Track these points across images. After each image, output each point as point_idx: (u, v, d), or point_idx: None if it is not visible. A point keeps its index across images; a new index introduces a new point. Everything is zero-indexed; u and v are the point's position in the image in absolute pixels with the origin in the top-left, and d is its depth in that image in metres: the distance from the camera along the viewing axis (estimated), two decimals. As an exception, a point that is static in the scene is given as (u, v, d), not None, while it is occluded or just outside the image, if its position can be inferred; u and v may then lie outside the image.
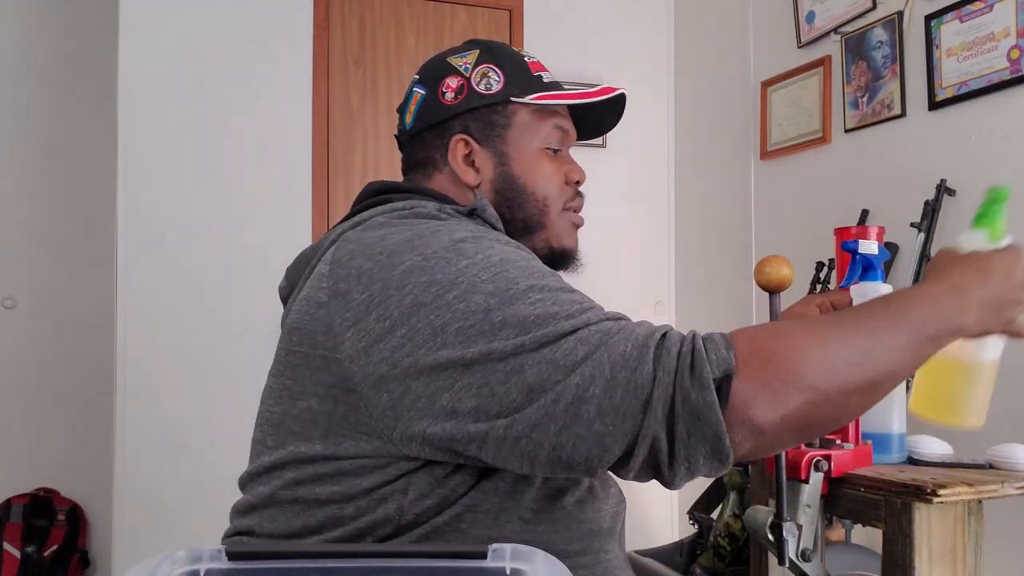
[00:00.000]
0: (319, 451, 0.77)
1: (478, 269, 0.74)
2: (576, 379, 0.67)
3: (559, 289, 0.74)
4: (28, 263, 2.93)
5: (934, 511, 1.07)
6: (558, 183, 0.97)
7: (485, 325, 0.70)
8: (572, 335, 0.69)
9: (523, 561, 0.48)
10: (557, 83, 0.99)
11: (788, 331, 0.70)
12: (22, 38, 2.94)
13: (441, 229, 0.79)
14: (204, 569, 0.46)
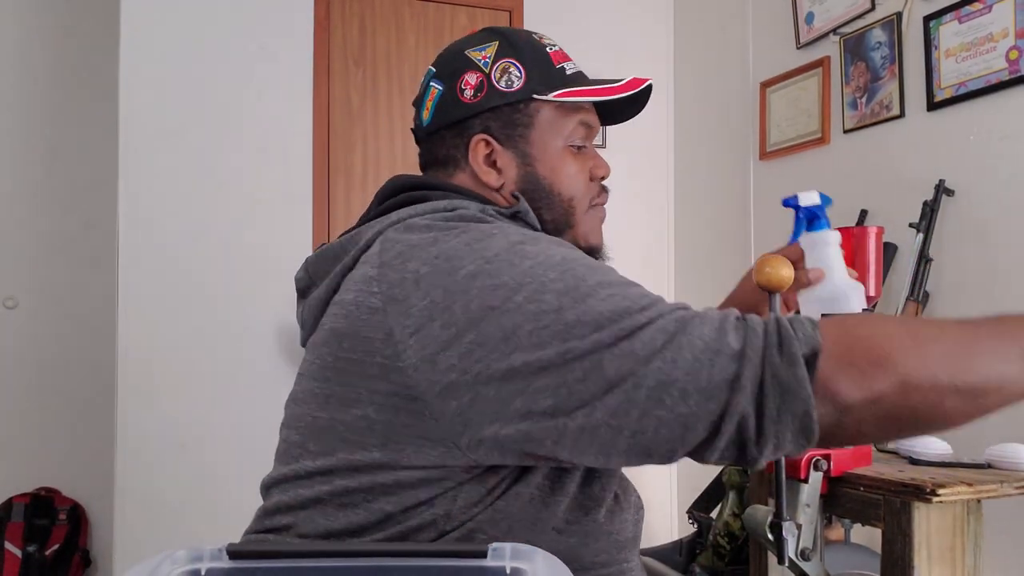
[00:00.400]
0: (377, 459, 0.75)
1: (544, 268, 0.72)
2: (657, 363, 0.66)
3: (625, 283, 0.73)
4: (28, 263, 2.93)
5: (933, 510, 1.07)
6: (583, 181, 0.94)
7: (559, 325, 0.69)
8: (649, 326, 0.68)
9: (523, 560, 0.48)
10: (580, 74, 0.95)
11: (877, 320, 0.70)
12: (22, 38, 2.95)
13: (496, 232, 0.77)
14: (204, 569, 0.46)
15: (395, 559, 0.48)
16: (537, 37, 0.95)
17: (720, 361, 0.65)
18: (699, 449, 0.68)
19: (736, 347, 0.66)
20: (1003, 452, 1.18)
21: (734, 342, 0.66)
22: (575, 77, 0.93)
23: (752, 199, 2.70)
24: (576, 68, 0.95)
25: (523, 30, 0.96)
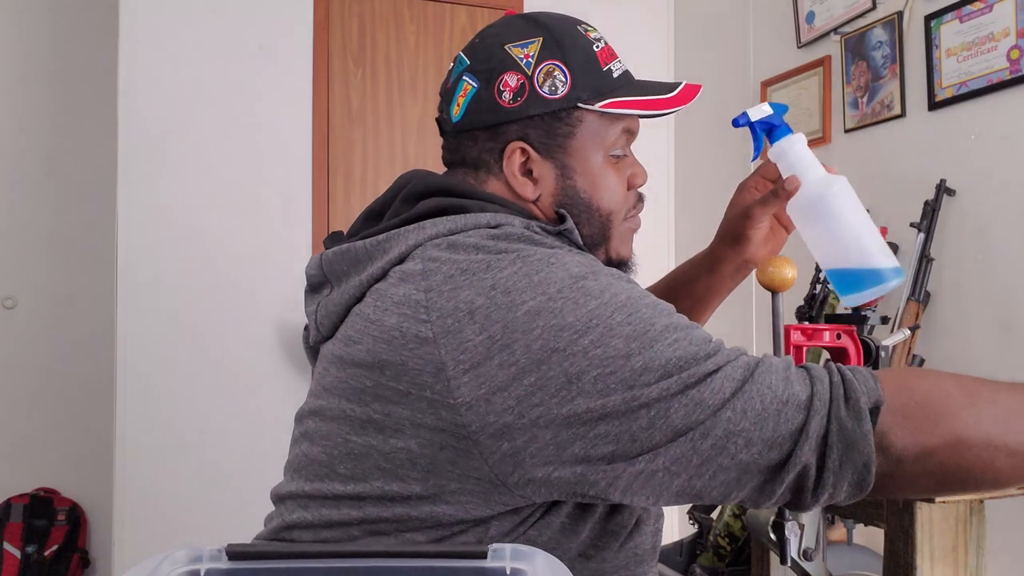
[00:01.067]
0: (416, 491, 0.72)
1: (611, 310, 0.70)
2: (727, 414, 0.66)
3: (688, 326, 0.72)
4: (28, 263, 2.93)
5: (936, 511, 1.07)
6: (622, 193, 0.89)
7: (626, 372, 0.67)
8: (716, 374, 0.68)
9: (523, 561, 0.48)
10: (627, 75, 0.88)
11: (937, 377, 0.70)
12: (22, 38, 2.94)
13: (554, 261, 0.73)
14: (204, 569, 0.46)
15: (395, 560, 0.47)
16: (583, 30, 0.88)
17: (788, 412, 0.66)
18: (754, 495, 0.69)
19: (803, 397, 0.67)
20: (1005, 452, 1.18)
21: (801, 392, 0.67)
22: (622, 81, 0.87)
23: (753, 199, 2.70)
24: (623, 67, 0.88)
25: (566, 19, 0.88)
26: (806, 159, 0.91)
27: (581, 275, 0.73)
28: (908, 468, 0.67)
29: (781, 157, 0.94)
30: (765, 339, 2.58)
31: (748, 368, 0.68)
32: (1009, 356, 1.83)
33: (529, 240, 0.77)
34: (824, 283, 2.18)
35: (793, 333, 1.14)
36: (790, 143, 0.92)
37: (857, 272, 0.88)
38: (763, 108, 0.93)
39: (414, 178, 0.88)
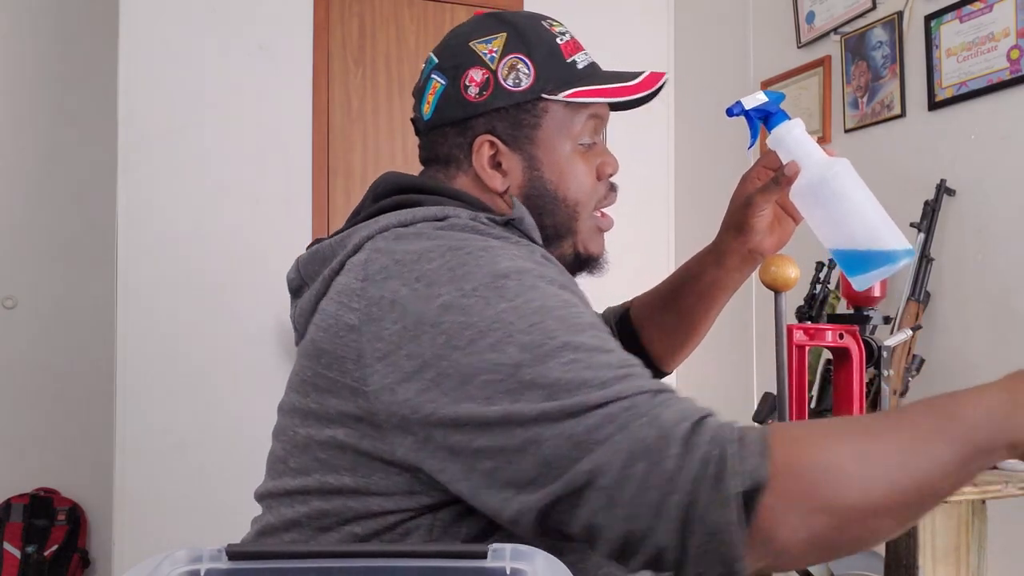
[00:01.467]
0: (347, 483, 0.73)
1: (518, 316, 0.68)
2: (588, 465, 0.62)
3: (595, 348, 0.68)
4: (28, 263, 2.93)
5: (938, 511, 1.07)
6: (590, 183, 0.90)
7: (512, 383, 0.66)
8: (599, 410, 0.63)
9: (523, 561, 0.48)
10: (593, 66, 0.89)
11: (830, 441, 0.63)
12: (22, 38, 2.94)
13: (483, 254, 0.73)
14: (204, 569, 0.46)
15: (394, 560, 0.47)
16: (547, 25, 0.89)
17: (651, 479, 0.61)
18: (612, 557, 0.65)
19: (668, 468, 0.60)
20: (1006, 452, 1.18)
21: (669, 462, 0.60)
22: (587, 71, 0.88)
23: (753, 199, 2.70)
24: (588, 59, 0.89)
25: (532, 15, 0.90)
26: (805, 144, 0.91)
27: (503, 273, 0.71)
28: (792, 557, 0.62)
29: (779, 144, 0.92)
30: (765, 339, 2.58)
31: (634, 414, 0.63)
32: (1009, 356, 1.83)
33: (472, 230, 0.78)
34: (824, 283, 2.18)
35: (796, 333, 1.14)
36: (787, 129, 0.92)
37: (866, 253, 0.86)
38: (758, 96, 0.92)
39: (384, 178, 0.90)
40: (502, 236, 0.79)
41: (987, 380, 0.67)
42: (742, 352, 2.69)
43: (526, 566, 0.48)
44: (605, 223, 0.92)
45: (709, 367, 2.94)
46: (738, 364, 2.71)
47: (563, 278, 0.77)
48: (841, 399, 1.22)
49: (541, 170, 0.88)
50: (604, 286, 1.16)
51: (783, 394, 0.97)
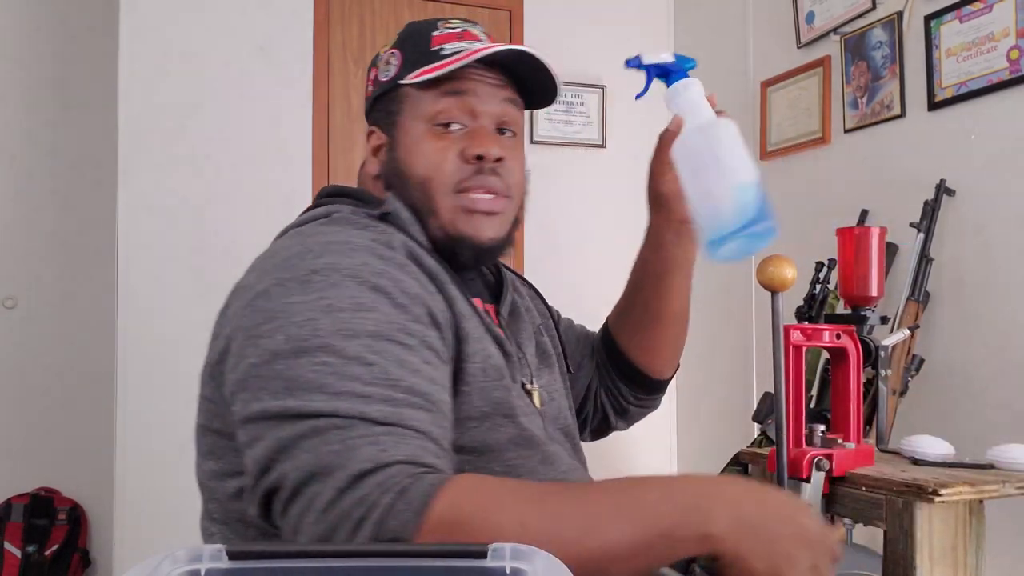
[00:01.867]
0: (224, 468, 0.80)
1: (302, 308, 0.72)
2: (275, 474, 0.67)
3: (355, 358, 0.69)
4: (28, 263, 2.93)
5: (936, 511, 1.07)
6: (440, 160, 0.87)
7: (266, 370, 0.70)
8: (311, 420, 0.67)
9: (523, 561, 0.48)
10: (465, 51, 0.88)
11: (494, 508, 0.63)
12: (22, 38, 2.94)
13: (314, 249, 0.77)
14: (204, 569, 0.46)
15: (394, 559, 0.48)
16: (439, 23, 0.92)
17: (314, 503, 0.64)
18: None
19: (325, 499, 0.63)
20: (1005, 453, 1.18)
21: (329, 493, 0.63)
22: (445, 55, 0.88)
23: (753, 199, 2.70)
24: (467, 48, 0.87)
25: (434, 19, 0.93)
26: (696, 102, 0.90)
27: (317, 268, 0.75)
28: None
29: (672, 100, 0.91)
30: (765, 339, 2.58)
31: (335, 437, 0.65)
32: (1008, 356, 1.83)
33: (350, 224, 0.84)
34: (824, 283, 2.18)
35: (793, 333, 1.14)
36: (683, 86, 0.91)
37: (723, 221, 0.78)
38: (662, 55, 0.92)
39: (322, 188, 0.98)
40: (371, 226, 0.84)
41: (987, 380, 0.67)
42: (742, 352, 2.69)
43: (526, 566, 0.48)
44: (476, 203, 0.88)
45: (709, 367, 2.94)
46: (738, 364, 2.71)
47: (383, 280, 0.76)
48: (839, 399, 1.22)
49: (396, 150, 0.91)
50: (608, 289, 1.17)
51: (780, 394, 0.97)
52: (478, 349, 0.82)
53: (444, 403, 0.75)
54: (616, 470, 2.99)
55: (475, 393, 0.81)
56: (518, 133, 0.93)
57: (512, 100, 0.91)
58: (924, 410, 1.99)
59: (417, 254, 0.83)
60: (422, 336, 0.75)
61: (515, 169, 0.91)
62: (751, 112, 2.70)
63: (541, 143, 2.92)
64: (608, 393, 1.12)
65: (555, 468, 0.87)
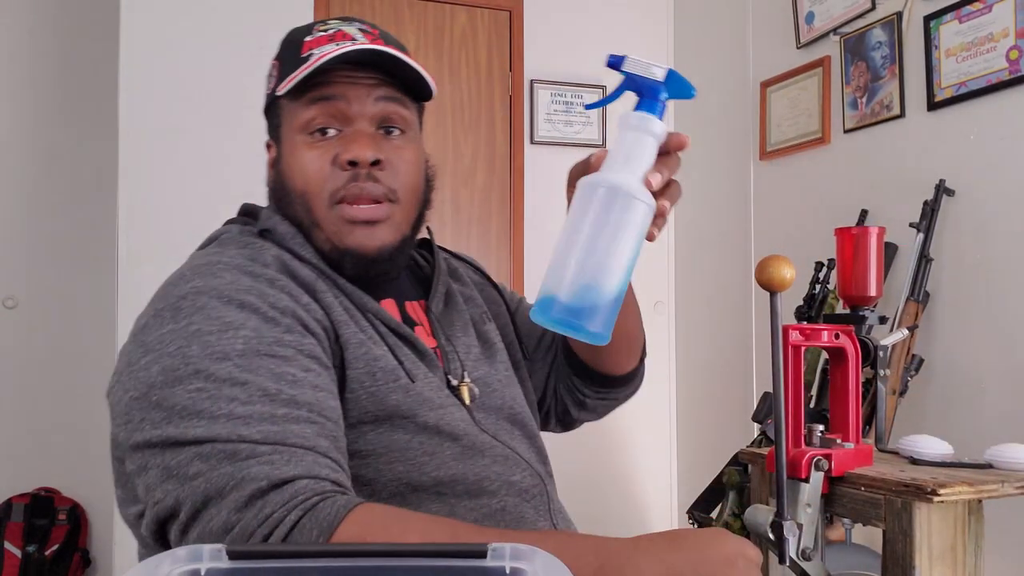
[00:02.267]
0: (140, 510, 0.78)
1: (173, 337, 0.72)
2: (170, 500, 0.67)
3: (228, 380, 0.70)
4: (28, 263, 2.93)
5: (934, 510, 1.07)
6: (316, 170, 0.84)
7: (144, 402, 0.70)
8: (195, 446, 0.67)
9: (523, 561, 0.48)
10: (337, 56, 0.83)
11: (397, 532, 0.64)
12: (22, 38, 2.94)
13: (187, 276, 0.79)
14: (204, 569, 0.46)
15: (393, 559, 0.48)
16: (318, 25, 0.88)
17: (212, 525, 0.64)
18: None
19: (223, 520, 0.64)
20: (1004, 452, 1.18)
21: (227, 514, 0.64)
22: (309, 59, 0.83)
23: (752, 199, 2.70)
24: (336, 50, 0.82)
25: (313, 23, 0.89)
26: (639, 152, 0.69)
27: (184, 294, 0.76)
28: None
29: (623, 128, 0.71)
30: (765, 339, 2.58)
31: (225, 459, 0.66)
32: (1008, 356, 1.84)
33: (228, 243, 0.85)
34: (823, 283, 2.18)
35: (792, 333, 1.14)
36: (641, 121, 0.70)
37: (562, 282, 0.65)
38: (653, 69, 0.72)
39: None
40: (251, 244, 0.85)
41: (987, 380, 0.67)
42: (742, 352, 2.69)
43: (526, 566, 0.48)
44: (355, 214, 0.84)
45: (709, 368, 2.94)
46: (738, 364, 2.71)
47: (250, 296, 0.75)
48: (838, 399, 1.22)
49: (280, 163, 0.89)
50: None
51: (779, 394, 0.97)
52: (360, 355, 0.81)
53: (332, 409, 0.75)
54: (616, 470, 2.98)
55: (365, 398, 0.80)
56: (408, 130, 0.89)
57: (392, 97, 0.86)
58: (923, 410, 2.00)
59: (291, 267, 0.82)
60: (298, 346, 0.75)
61: (401, 169, 0.86)
62: (751, 112, 2.70)
63: (541, 143, 2.92)
64: (566, 386, 1.08)
65: (480, 459, 0.85)
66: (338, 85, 0.84)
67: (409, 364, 0.84)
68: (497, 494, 0.85)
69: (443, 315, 0.96)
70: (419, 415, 0.82)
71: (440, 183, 0.95)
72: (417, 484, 0.81)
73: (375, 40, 0.86)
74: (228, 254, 0.82)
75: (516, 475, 0.87)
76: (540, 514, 0.88)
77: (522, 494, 0.87)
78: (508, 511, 0.85)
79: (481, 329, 0.99)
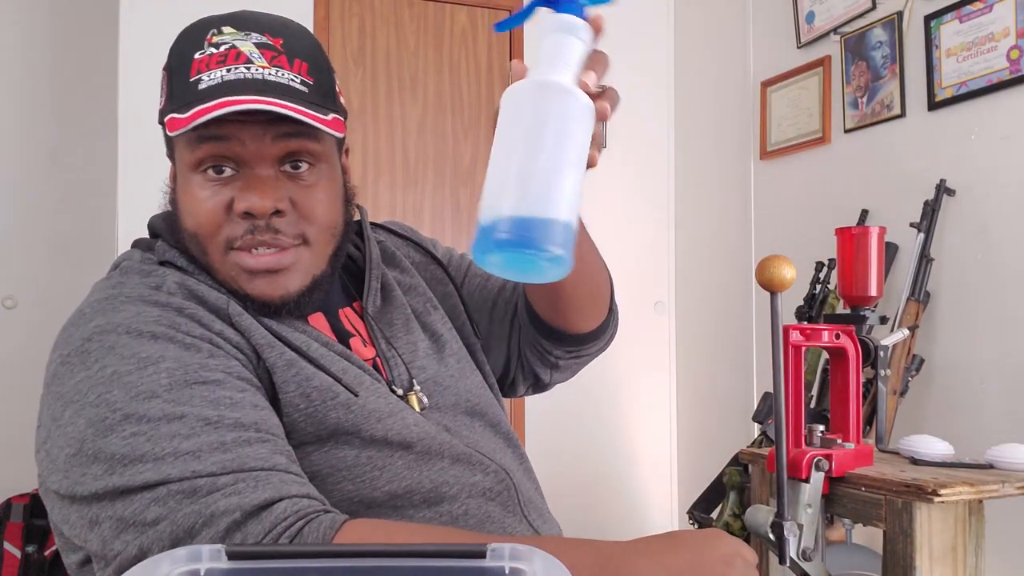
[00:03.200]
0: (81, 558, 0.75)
1: (91, 384, 0.68)
2: (134, 550, 0.63)
3: (161, 419, 0.65)
4: (28, 263, 2.93)
5: (935, 511, 1.07)
6: (207, 213, 0.75)
7: (81, 458, 0.66)
8: (147, 491, 0.63)
9: (522, 561, 0.48)
10: (223, 86, 0.72)
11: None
12: (22, 38, 2.94)
13: (88, 312, 0.73)
14: (204, 569, 0.46)
15: (393, 559, 0.47)
16: (211, 34, 0.76)
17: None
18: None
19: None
20: (1004, 453, 1.18)
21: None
22: (200, 93, 0.72)
23: (752, 199, 2.70)
24: (228, 76, 0.72)
25: (205, 28, 0.77)
26: (561, 56, 0.62)
27: (89, 336, 0.71)
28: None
29: (541, 34, 0.64)
30: (765, 339, 2.58)
31: (184, 497, 0.62)
32: (1009, 356, 1.83)
33: (128, 271, 0.79)
34: (824, 283, 2.18)
35: (792, 333, 1.14)
36: (561, 22, 0.64)
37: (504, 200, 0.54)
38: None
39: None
40: (153, 272, 0.79)
41: (987, 380, 0.67)
42: (742, 352, 2.69)
43: (525, 566, 0.48)
44: (251, 263, 0.76)
45: (709, 368, 2.94)
46: (738, 364, 2.71)
47: (160, 327, 0.71)
48: (838, 399, 1.22)
49: (176, 191, 0.80)
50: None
51: (779, 395, 0.97)
52: (289, 377, 0.76)
53: (276, 426, 0.71)
54: (616, 470, 2.98)
55: (302, 421, 0.76)
56: (318, 162, 0.78)
57: (291, 133, 0.75)
58: (924, 410, 1.99)
59: (198, 292, 0.76)
60: (226, 368, 0.71)
61: (311, 210, 0.77)
62: (751, 112, 2.70)
63: (541, 143, 2.92)
64: (533, 350, 1.00)
65: (437, 463, 0.81)
66: (230, 124, 0.72)
67: (349, 378, 0.79)
68: (457, 498, 0.81)
69: (381, 315, 0.89)
70: (364, 429, 0.77)
71: (440, 183, 0.93)
72: (370, 500, 0.77)
73: (276, 58, 0.75)
74: (130, 284, 0.76)
75: (477, 475, 0.83)
76: (508, 510, 0.84)
77: (485, 494, 0.83)
78: (471, 514, 0.81)
79: (425, 321, 0.92)
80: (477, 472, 0.84)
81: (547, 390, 1.07)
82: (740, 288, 2.72)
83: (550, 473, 1.53)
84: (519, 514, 0.85)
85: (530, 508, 0.87)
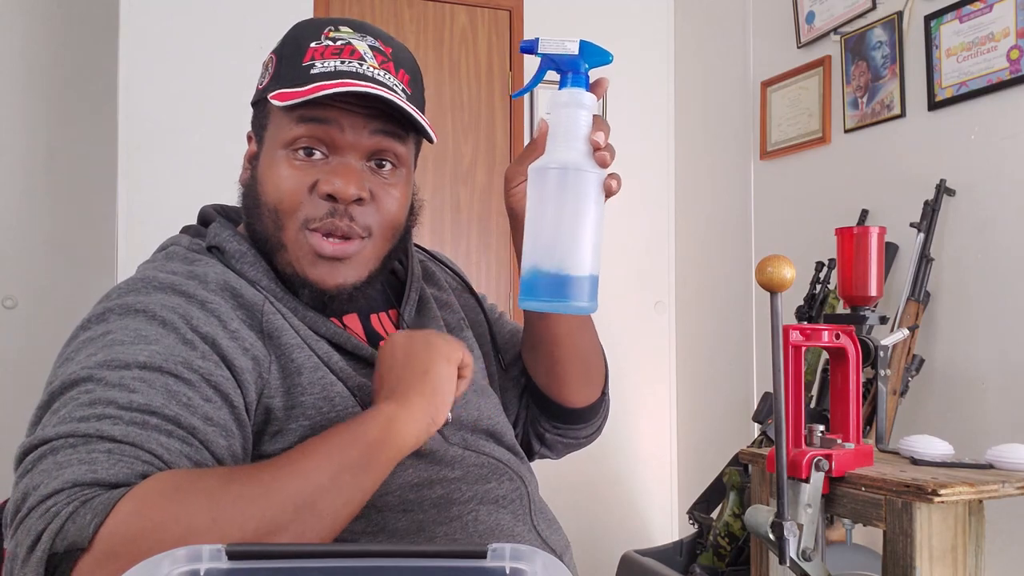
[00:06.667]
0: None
1: (84, 344, 0.72)
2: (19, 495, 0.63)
3: (117, 386, 0.66)
4: (28, 263, 2.93)
5: (935, 511, 1.07)
6: (291, 189, 0.79)
7: (40, 409, 0.70)
8: (50, 443, 0.64)
9: (523, 561, 0.48)
10: (335, 73, 0.78)
11: (186, 496, 0.60)
12: (22, 38, 2.94)
13: (123, 289, 0.77)
14: (204, 569, 0.46)
15: (393, 559, 0.48)
16: (327, 29, 0.82)
17: (6, 531, 0.63)
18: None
19: (9, 532, 0.62)
20: (1004, 453, 1.18)
21: (13, 525, 0.61)
22: (311, 76, 0.78)
23: (752, 199, 2.70)
24: (334, 85, 0.77)
25: (324, 23, 0.83)
26: (575, 126, 0.72)
27: (112, 308, 0.75)
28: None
29: (556, 108, 0.73)
30: (765, 339, 2.58)
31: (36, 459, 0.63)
32: (1009, 356, 1.83)
33: (174, 257, 0.82)
34: (824, 283, 2.18)
35: (792, 333, 1.14)
36: (574, 98, 0.72)
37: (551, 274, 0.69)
38: (567, 44, 0.72)
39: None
40: (198, 260, 0.82)
41: (987, 380, 0.67)
42: (742, 352, 2.69)
43: (526, 566, 0.48)
44: (323, 247, 0.80)
45: (709, 367, 2.94)
46: (738, 364, 2.71)
47: (174, 315, 0.73)
48: (838, 399, 1.22)
49: (258, 168, 0.83)
50: (607, 288, 1.16)
51: (779, 395, 0.97)
52: (316, 379, 0.78)
53: (217, 444, 0.69)
54: (616, 470, 2.98)
55: (323, 423, 0.76)
56: (400, 166, 0.84)
57: (390, 132, 0.81)
58: (924, 410, 1.99)
59: (236, 288, 0.78)
60: (207, 374, 0.71)
61: (384, 206, 0.82)
62: (751, 112, 2.70)
63: (541, 143, 2.92)
64: (529, 416, 1.05)
65: (450, 471, 0.82)
66: (334, 109, 0.78)
67: (363, 395, 0.80)
68: (468, 504, 0.82)
69: (415, 324, 0.91)
70: None
71: (440, 183, 0.94)
72: (381, 505, 0.77)
73: (385, 63, 0.81)
74: (168, 269, 0.79)
75: (491, 482, 0.84)
76: (519, 519, 0.85)
77: (497, 501, 0.84)
78: (481, 520, 0.82)
79: (457, 336, 0.94)
80: (491, 479, 0.85)
81: (531, 461, 1.07)
82: (740, 288, 2.72)
83: (550, 473, 1.53)
84: (528, 523, 0.86)
85: (539, 517, 0.89)
